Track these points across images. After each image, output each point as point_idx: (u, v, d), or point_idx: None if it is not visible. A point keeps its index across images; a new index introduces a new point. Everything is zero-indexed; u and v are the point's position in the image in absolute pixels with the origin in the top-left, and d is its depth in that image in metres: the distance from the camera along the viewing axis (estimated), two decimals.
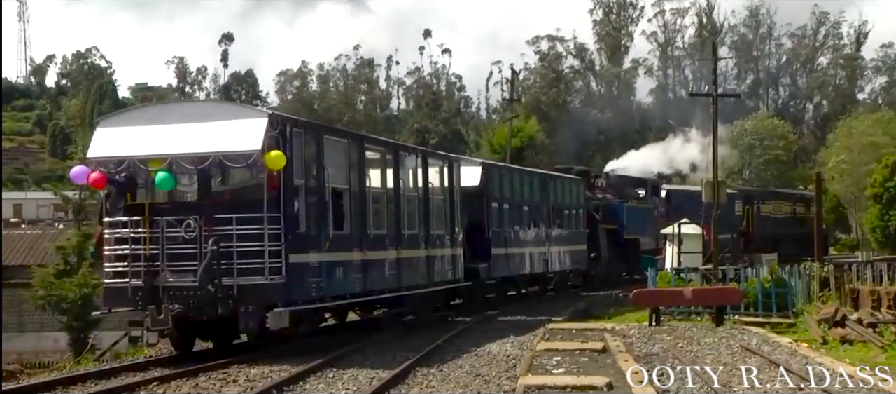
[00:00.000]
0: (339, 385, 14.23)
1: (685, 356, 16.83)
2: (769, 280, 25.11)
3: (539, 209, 31.51)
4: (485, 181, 27.31)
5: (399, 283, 21.02)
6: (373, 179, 20.14)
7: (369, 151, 20.39)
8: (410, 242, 21.60)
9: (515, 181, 30.32)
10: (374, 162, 20.47)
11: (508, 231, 28.78)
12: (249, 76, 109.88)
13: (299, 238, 16.89)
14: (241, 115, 17.32)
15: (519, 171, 33.45)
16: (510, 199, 29.27)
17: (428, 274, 22.62)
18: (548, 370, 15.34)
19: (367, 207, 19.57)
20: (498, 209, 28.19)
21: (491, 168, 28.83)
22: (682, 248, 32.87)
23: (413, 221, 21.94)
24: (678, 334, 20.62)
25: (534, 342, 19.02)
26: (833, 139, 72.22)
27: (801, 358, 16.42)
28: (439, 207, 23.61)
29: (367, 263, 19.44)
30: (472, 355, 17.45)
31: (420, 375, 15.02)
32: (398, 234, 20.97)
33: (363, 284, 19.36)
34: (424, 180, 22.61)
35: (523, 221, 30.12)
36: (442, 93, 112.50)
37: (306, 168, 17.42)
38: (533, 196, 31.26)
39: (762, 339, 19.38)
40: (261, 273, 16.12)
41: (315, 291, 17.45)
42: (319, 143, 17.98)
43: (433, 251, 22.89)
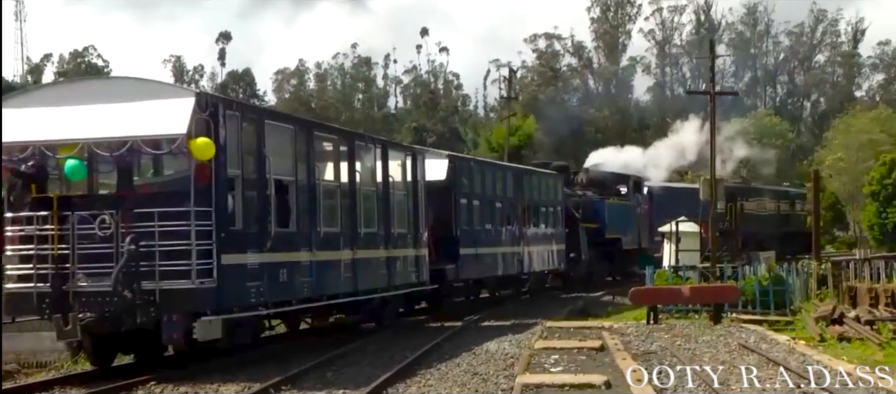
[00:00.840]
0: (338, 385, 14.22)
1: (683, 354, 16.84)
2: (767, 278, 25.15)
3: (513, 206, 29.66)
4: (452, 175, 25.35)
5: (355, 286, 19.14)
6: (324, 172, 18.43)
7: (320, 139, 18.42)
8: (368, 242, 19.72)
9: (486, 176, 28.30)
10: (325, 152, 18.79)
11: (479, 230, 26.89)
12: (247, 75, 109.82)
13: (234, 236, 15.00)
14: (165, 94, 14.92)
15: (490, 164, 31.75)
16: (481, 194, 27.37)
17: (389, 276, 20.75)
18: (546, 369, 15.36)
19: (318, 202, 17.65)
20: (467, 206, 26.31)
21: (459, 161, 26.77)
22: (680, 246, 32.86)
23: (371, 218, 20.02)
24: (676, 332, 20.63)
25: (532, 341, 19.03)
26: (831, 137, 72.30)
27: (799, 356, 16.44)
28: (401, 203, 21.70)
29: (318, 265, 17.54)
30: (471, 354, 17.44)
31: (419, 373, 15.02)
32: (354, 232, 19.07)
33: (313, 289, 17.50)
34: (384, 174, 20.71)
35: (495, 219, 28.24)
36: (440, 91, 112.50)
37: (244, 157, 15.47)
38: (506, 192, 29.33)
39: (760, 337, 19.39)
40: (187, 276, 14.15)
41: (254, 296, 15.53)
42: (260, 128, 16.03)
43: (394, 252, 21.04)
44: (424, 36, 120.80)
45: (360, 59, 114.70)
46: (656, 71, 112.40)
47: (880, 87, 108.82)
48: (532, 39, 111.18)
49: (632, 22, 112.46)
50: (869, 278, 26.67)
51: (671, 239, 33.82)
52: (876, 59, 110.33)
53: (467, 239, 25.79)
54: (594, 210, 37.52)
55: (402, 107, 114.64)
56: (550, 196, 33.29)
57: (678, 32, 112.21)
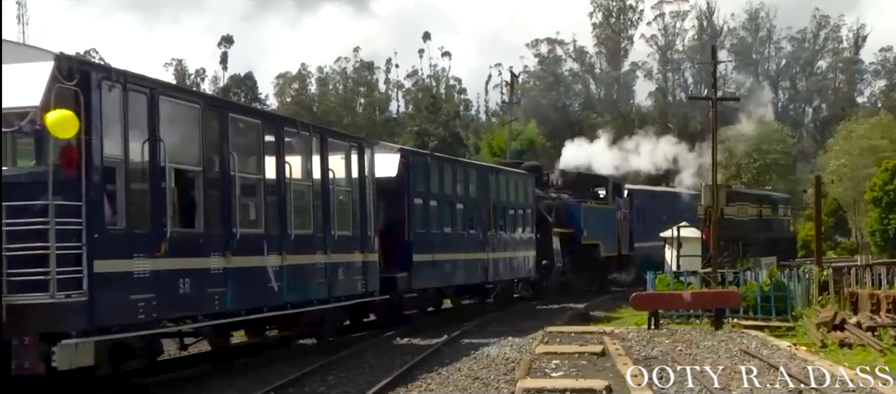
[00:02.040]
0: (339, 387, 14.23)
1: (684, 359, 16.83)
2: (768, 284, 25.14)
3: (477, 208, 26.77)
4: (404, 172, 22.57)
5: (284, 297, 16.36)
6: (245, 162, 15.54)
7: (238, 123, 15.57)
8: (302, 246, 16.92)
9: (446, 173, 25.19)
10: (246, 139, 15.97)
11: (436, 233, 24.06)
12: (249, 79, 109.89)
13: (115, 238, 12.19)
14: (17, 57, 11.70)
15: (450, 161, 28.04)
16: (439, 194, 24.41)
17: (329, 286, 18.01)
18: (547, 374, 15.35)
19: (233, 198, 14.86)
20: (422, 207, 23.50)
21: (412, 156, 23.90)
22: (682, 251, 32.83)
23: (306, 218, 17.35)
24: (677, 337, 20.62)
25: (533, 345, 19.03)
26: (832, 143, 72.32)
27: (801, 362, 16.42)
28: (344, 201, 19.09)
29: (235, 274, 14.67)
30: (471, 359, 17.45)
31: (419, 378, 15.02)
32: (283, 234, 16.33)
33: (228, 301, 14.59)
34: (324, 167, 18.03)
35: (456, 222, 25.39)
36: (441, 96, 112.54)
37: (129, 139, 12.47)
38: (469, 192, 26.36)
39: (761, 342, 19.38)
40: (44, 288, 11.28)
41: (144, 312, 12.59)
42: (154, 106, 13.01)
43: (336, 257, 18.20)
44: (427, 40, 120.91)
45: (361, 63, 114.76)
46: (658, 76, 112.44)
47: (882, 93, 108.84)
48: (534, 44, 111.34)
49: (634, 27, 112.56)
50: (870, 284, 26.65)
51: (672, 244, 33.76)
52: (878, 66, 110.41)
53: (422, 244, 23.10)
54: (569, 214, 35.12)
55: (404, 111, 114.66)
56: (520, 198, 30.53)
57: (680, 38, 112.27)
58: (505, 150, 57.89)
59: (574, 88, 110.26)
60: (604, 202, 38.02)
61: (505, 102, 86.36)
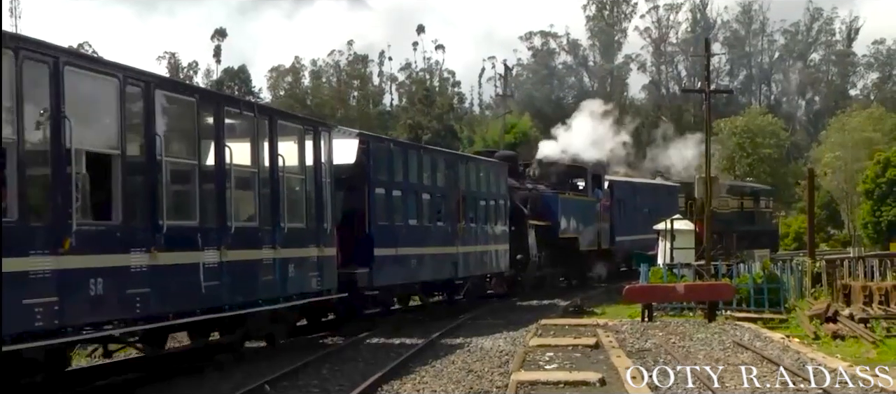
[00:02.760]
0: (334, 382, 14.25)
1: (678, 352, 16.88)
2: (761, 276, 25.21)
3: (445, 198, 24.84)
4: (364, 159, 20.75)
5: (223, 298, 14.53)
6: (175, 145, 13.89)
7: (168, 101, 13.61)
8: (245, 240, 15.19)
9: (411, 161, 23.26)
10: (178, 120, 14.13)
11: (400, 226, 22.27)
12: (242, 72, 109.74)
13: (5, 232, 10.42)
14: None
15: (415, 148, 26.42)
16: (403, 184, 22.60)
17: (279, 284, 16.28)
18: (540, 366, 15.38)
19: (160, 186, 13.00)
20: (385, 197, 21.61)
21: (373, 142, 21.85)
22: (675, 243, 32.87)
23: (249, 208, 15.71)
24: (670, 329, 20.68)
25: (526, 338, 19.07)
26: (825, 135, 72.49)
27: (794, 354, 16.49)
28: (297, 190, 17.27)
29: (161, 272, 12.88)
30: (465, 351, 17.49)
31: (414, 371, 15.05)
32: (222, 227, 14.51)
33: (152, 304, 12.70)
34: (273, 153, 16.20)
35: (422, 214, 23.51)
36: (435, 89, 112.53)
37: (23, 116, 10.72)
38: (436, 182, 24.44)
39: (754, 334, 19.45)
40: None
41: (42, 318, 10.77)
42: (57, 78, 11.19)
43: (287, 252, 16.40)
44: (420, 33, 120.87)
45: (355, 56, 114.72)
46: (652, 69, 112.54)
47: (875, 85, 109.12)
48: (528, 37, 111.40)
49: (627, 20, 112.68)
50: (863, 277, 26.74)
51: (666, 237, 33.80)
52: (870, 58, 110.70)
53: (385, 237, 21.30)
54: (545, 205, 33.05)
55: (397, 104, 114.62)
56: (492, 188, 28.48)
57: (674, 30, 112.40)
58: (499, 143, 57.91)
59: (568, 81, 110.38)
60: (583, 194, 36.21)
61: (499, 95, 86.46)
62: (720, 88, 56.57)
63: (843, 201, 66.53)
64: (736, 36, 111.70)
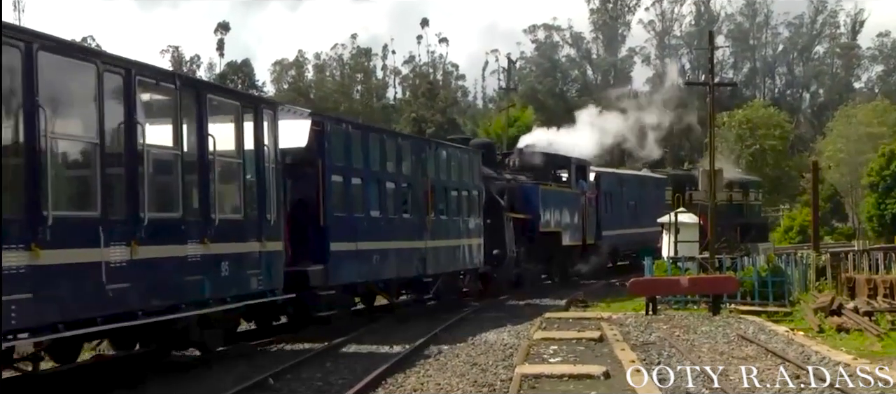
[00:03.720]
0: (337, 374, 14.24)
1: (682, 345, 16.86)
2: (766, 269, 25.18)
3: (413, 188, 22.85)
4: (318, 142, 18.68)
5: (134, 303, 12.34)
6: (67, 120, 11.59)
7: (57, 67, 11.16)
8: (164, 234, 13.01)
9: (372, 146, 21.11)
10: (71, 90, 11.74)
11: (360, 218, 20.15)
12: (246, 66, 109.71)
13: None
14: None
15: (378, 131, 24.22)
16: (364, 171, 20.44)
17: (210, 285, 14.03)
18: (545, 359, 15.38)
19: (44, 170, 10.71)
20: (342, 185, 19.52)
21: (329, 124, 19.45)
22: (679, 237, 32.81)
23: (171, 198, 13.46)
24: (675, 322, 20.67)
25: (531, 331, 19.06)
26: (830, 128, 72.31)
27: (798, 347, 16.46)
28: (232, 176, 15.09)
29: (48, 273, 10.66)
30: (469, 344, 17.48)
31: (418, 363, 15.04)
32: (133, 218, 12.32)
33: (33, 312, 10.47)
34: (202, 133, 13.96)
35: (386, 204, 21.51)
36: (438, 82, 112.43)
37: None
38: (402, 169, 22.40)
39: (758, 328, 19.43)
40: None
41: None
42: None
43: (219, 247, 14.15)
44: (425, 26, 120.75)
45: (358, 49, 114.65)
46: (656, 62, 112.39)
47: (879, 78, 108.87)
48: (531, 30, 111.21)
49: (631, 13, 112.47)
50: (867, 269, 26.71)
51: (670, 230, 33.74)
52: (875, 51, 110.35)
53: (342, 230, 19.23)
54: (525, 197, 31.01)
55: (400, 98, 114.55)
56: (465, 178, 26.27)
57: (678, 23, 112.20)
58: (502, 136, 57.86)
59: (571, 74, 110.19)
60: (566, 185, 34.28)
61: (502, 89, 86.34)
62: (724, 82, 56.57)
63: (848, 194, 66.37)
64: (740, 29, 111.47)
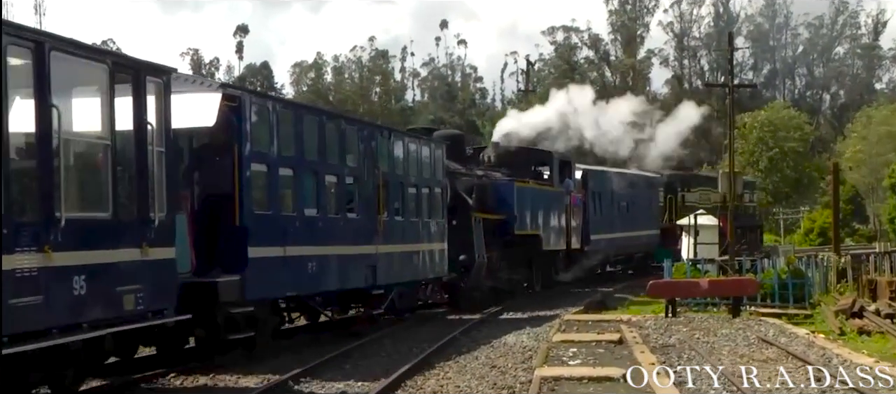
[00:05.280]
0: (357, 376, 14.26)
1: (702, 348, 16.81)
2: (786, 271, 25.08)
3: (360, 182, 19.19)
4: (233, 123, 15.08)
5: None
6: None
7: None
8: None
9: (307, 129, 17.34)
10: None
11: (291, 217, 16.67)
12: (265, 68, 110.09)
13: None
14: None
15: (314, 111, 20.43)
16: (295, 160, 16.84)
17: (56, 308, 10.36)
18: (564, 362, 15.35)
19: None
20: (267, 176, 16.01)
21: (247, 100, 15.57)
22: (699, 239, 32.75)
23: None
24: (695, 325, 20.60)
25: (550, 334, 19.04)
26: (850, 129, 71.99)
27: (819, 350, 16.38)
28: (95, 163, 11.57)
29: None
30: (489, 347, 17.47)
31: (437, 366, 15.05)
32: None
33: None
34: (43, 104, 10.30)
35: (325, 201, 17.86)
36: (457, 84, 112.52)
37: None
38: (346, 160, 18.74)
39: (779, 330, 19.34)
40: None
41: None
42: None
43: (70, 257, 10.54)
44: (444, 28, 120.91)
45: (377, 51, 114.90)
46: (674, 63, 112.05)
47: None
48: (550, 32, 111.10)
49: (650, 14, 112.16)
50: (889, 271, 26.55)
51: (690, 232, 33.66)
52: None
53: (266, 232, 15.69)
54: (497, 196, 27.10)
55: (419, 100, 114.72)
56: (425, 172, 22.73)
57: (697, 25, 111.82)
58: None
59: (589, 76, 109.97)
60: (548, 184, 30.65)
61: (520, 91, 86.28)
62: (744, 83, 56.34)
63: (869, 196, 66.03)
64: (759, 30, 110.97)
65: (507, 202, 27.21)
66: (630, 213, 38.34)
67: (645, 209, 39.75)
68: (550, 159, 31.12)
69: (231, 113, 15.07)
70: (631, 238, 38.34)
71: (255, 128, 15.68)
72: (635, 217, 38.79)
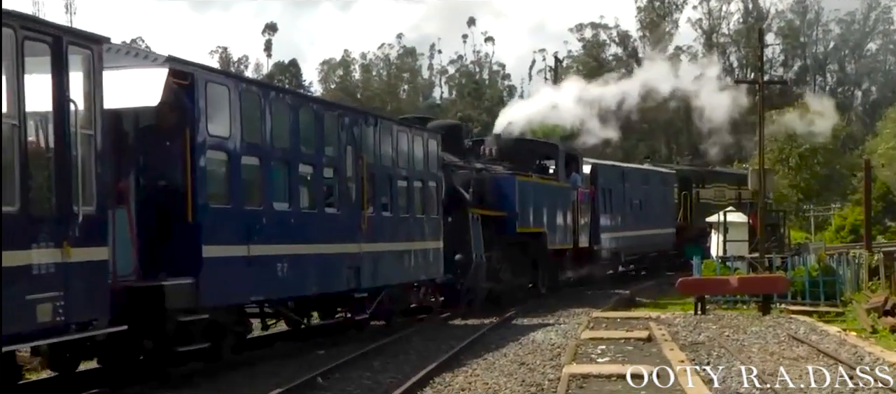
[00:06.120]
0: (386, 373, 14.29)
1: (731, 345, 16.72)
2: (817, 269, 24.91)
3: (341, 174, 17.33)
4: (184, 103, 13.28)
5: None
6: None
7: None
8: None
9: (277, 114, 15.45)
10: None
11: (256, 211, 14.71)
12: (293, 66, 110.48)
13: None
14: None
15: (285, 92, 17.79)
16: (263, 148, 14.97)
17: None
18: (593, 359, 15.32)
19: None
20: (226, 166, 14.14)
21: (202, 77, 13.63)
22: (728, 236, 32.56)
23: None
24: (724, 322, 20.51)
25: (578, 331, 19.01)
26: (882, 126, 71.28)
27: (851, 348, 16.25)
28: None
29: None
30: (517, 344, 17.46)
31: (466, 363, 15.05)
32: None
33: None
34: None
35: (298, 195, 15.94)
36: (485, 82, 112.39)
37: None
38: (324, 149, 16.91)
39: (810, 328, 19.22)
40: None
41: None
42: None
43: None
44: (471, 26, 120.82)
45: (404, 49, 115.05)
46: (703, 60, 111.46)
47: None
48: (578, 29, 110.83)
49: (678, 11, 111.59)
50: None
51: (719, 229, 33.46)
52: None
53: (225, 228, 13.91)
54: (497, 190, 25.25)
55: (447, 97, 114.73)
56: (418, 165, 20.86)
57: (726, 21, 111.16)
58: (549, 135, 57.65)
59: (618, 73, 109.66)
60: (553, 178, 28.81)
61: None
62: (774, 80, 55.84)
63: None
64: (790, 26, 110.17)
65: (508, 198, 25.33)
66: (643, 210, 36.64)
67: (659, 206, 38.04)
68: (556, 152, 29.31)
69: (181, 92, 13.17)
70: (644, 237, 36.53)
71: (213, 110, 13.70)
72: (649, 215, 37.06)
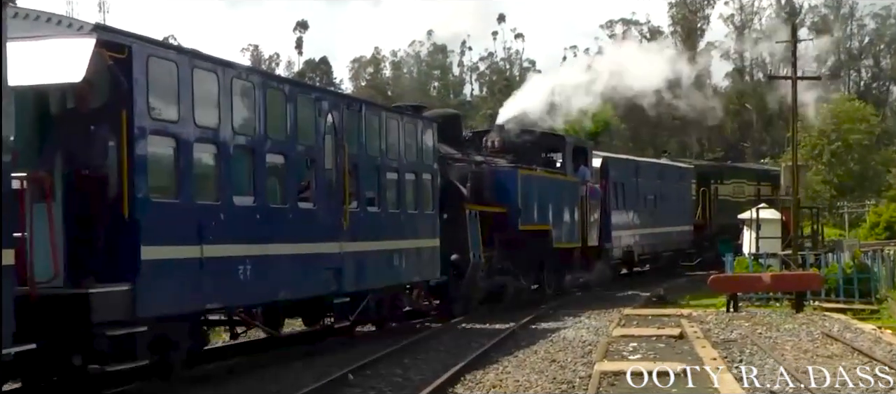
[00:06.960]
0: (415, 370, 14.29)
1: (764, 343, 16.58)
2: (851, 266, 24.68)
3: (318, 165, 15.36)
4: (118, 80, 11.25)
5: None
6: None
7: None
8: None
9: (239, 95, 13.46)
10: None
11: (212, 206, 12.72)
12: (324, 63, 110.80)
13: None
14: None
15: (248, 71, 15.03)
16: (219, 133, 12.85)
17: None
18: (624, 356, 15.25)
19: None
20: (173, 153, 12.11)
21: (140, 50, 11.50)
22: (761, 233, 32.27)
23: None
24: (757, 320, 20.36)
25: (609, 328, 18.93)
26: None
27: (886, 345, 16.08)
28: None
29: None
30: (548, 341, 17.41)
31: (496, 360, 15.02)
32: None
33: None
34: None
35: (263, 187, 13.89)
36: (515, 78, 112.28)
37: None
38: (298, 136, 14.92)
39: (844, 325, 19.03)
40: None
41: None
42: None
43: None
44: (501, 22, 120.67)
45: (435, 46, 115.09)
46: (735, 56, 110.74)
47: None
48: (609, 25, 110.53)
49: (710, 7, 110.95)
50: None
51: (751, 226, 33.18)
52: None
53: (170, 225, 11.94)
54: (497, 185, 23.45)
55: (477, 94, 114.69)
56: (409, 156, 18.91)
57: (758, 16, 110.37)
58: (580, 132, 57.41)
59: None
60: (560, 172, 26.96)
61: None
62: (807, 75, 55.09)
63: None
64: (824, 21, 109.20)
65: (510, 193, 23.55)
66: (658, 207, 35.00)
67: (675, 203, 36.54)
68: (563, 145, 27.35)
69: (117, 67, 11.16)
70: (659, 235, 34.93)
71: (157, 89, 11.71)
72: (664, 212, 35.46)
